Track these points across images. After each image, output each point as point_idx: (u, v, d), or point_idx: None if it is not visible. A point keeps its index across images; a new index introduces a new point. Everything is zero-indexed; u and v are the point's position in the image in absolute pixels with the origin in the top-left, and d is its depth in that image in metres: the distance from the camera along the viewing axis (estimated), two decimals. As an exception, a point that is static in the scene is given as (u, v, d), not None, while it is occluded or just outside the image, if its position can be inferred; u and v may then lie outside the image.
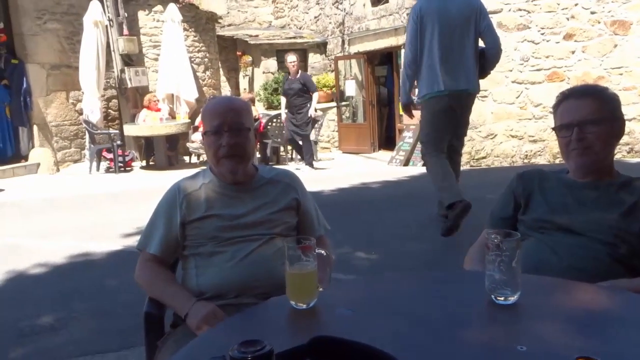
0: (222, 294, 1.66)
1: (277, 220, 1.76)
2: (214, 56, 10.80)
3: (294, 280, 1.26)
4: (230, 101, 1.80)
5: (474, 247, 1.80)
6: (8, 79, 8.42)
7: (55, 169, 8.45)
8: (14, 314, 3.12)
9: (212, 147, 1.69)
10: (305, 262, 1.25)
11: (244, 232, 1.71)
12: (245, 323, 1.21)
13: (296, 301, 1.25)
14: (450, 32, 3.96)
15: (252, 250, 1.69)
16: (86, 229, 4.85)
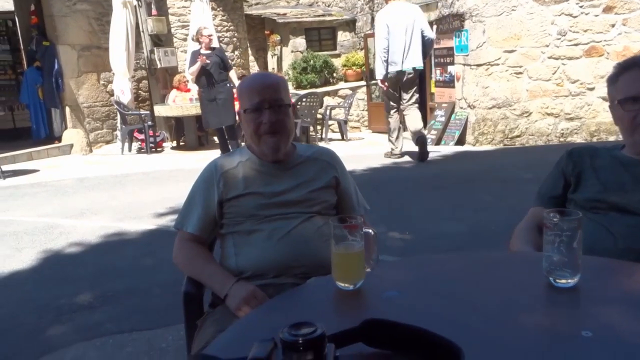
0: (261, 274, 1.63)
1: (316, 199, 1.72)
2: (242, 35, 10.73)
3: (340, 261, 1.21)
4: (268, 77, 1.75)
5: (520, 228, 1.72)
6: (40, 60, 8.55)
7: (88, 149, 8.58)
8: (52, 292, 3.18)
9: (252, 125, 1.65)
10: (352, 242, 1.20)
11: (283, 210, 1.67)
12: (291, 304, 1.17)
13: (342, 282, 1.20)
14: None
15: (291, 228, 1.65)
16: (120, 209, 4.90)
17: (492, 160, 7.08)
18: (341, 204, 1.79)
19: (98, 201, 5.30)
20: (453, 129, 8.50)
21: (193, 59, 7.23)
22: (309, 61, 10.98)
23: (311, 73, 10.96)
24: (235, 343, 0.98)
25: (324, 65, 11.15)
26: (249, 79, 1.76)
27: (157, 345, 2.52)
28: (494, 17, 7.98)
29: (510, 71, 8.13)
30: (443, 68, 9.03)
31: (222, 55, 7.47)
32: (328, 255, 1.66)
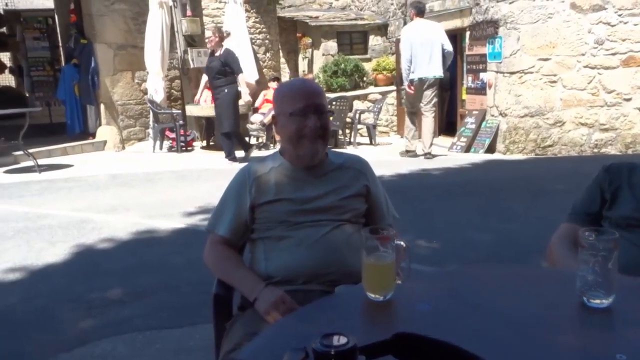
0: (291, 280, 1.65)
1: (346, 206, 1.73)
2: (274, 38, 10.81)
3: (371, 272, 1.22)
4: (311, 84, 1.79)
5: (556, 243, 1.70)
6: (77, 58, 8.77)
7: (121, 146, 8.75)
8: (84, 286, 3.26)
9: (295, 128, 1.66)
10: (383, 253, 1.21)
11: (314, 216, 1.68)
12: (321, 313, 1.19)
13: (373, 293, 1.21)
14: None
15: (321, 235, 1.66)
16: (150, 206, 5.00)
17: (523, 169, 6.98)
18: (371, 212, 1.80)
19: (129, 198, 5.41)
20: (483, 137, 8.41)
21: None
22: (340, 64, 10.98)
23: (342, 76, 10.96)
24: (265, 350, 1.00)
25: (354, 69, 11.14)
26: (290, 84, 1.80)
27: (185, 344, 2.56)
28: (529, 24, 7.86)
29: (544, 79, 8.00)
30: (475, 75, 8.94)
31: (225, 59, 7.05)
32: (357, 263, 1.67)
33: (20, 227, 4.43)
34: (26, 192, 5.80)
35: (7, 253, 3.82)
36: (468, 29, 9.01)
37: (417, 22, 7.10)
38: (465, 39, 9.26)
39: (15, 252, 3.84)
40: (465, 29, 9.11)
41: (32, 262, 3.63)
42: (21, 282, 3.33)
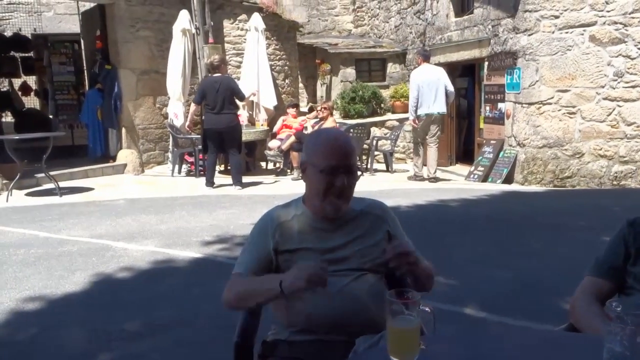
0: (312, 330, 1.65)
1: (368, 255, 1.74)
2: (293, 64, 10.95)
3: (395, 336, 1.22)
4: (344, 141, 1.74)
5: (579, 299, 1.68)
6: (101, 82, 8.95)
7: (140, 169, 8.86)
8: (102, 317, 3.28)
9: (323, 185, 1.67)
10: (409, 318, 1.21)
11: (336, 266, 1.69)
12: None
13: (396, 356, 1.21)
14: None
15: (343, 286, 1.67)
16: (169, 234, 5.04)
17: (542, 202, 6.92)
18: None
19: (148, 224, 5.46)
20: (501, 167, 8.37)
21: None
22: (358, 91, 11.07)
23: (359, 103, 11.04)
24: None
25: (372, 96, 11.22)
26: (325, 138, 1.74)
27: (201, 382, 2.56)
28: (548, 56, 7.88)
29: (563, 111, 7.98)
30: (493, 105, 8.94)
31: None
32: (378, 314, 1.68)
33: (41, 254, 4.49)
34: (47, 216, 5.88)
35: (27, 280, 3.87)
36: (486, 59, 9.04)
37: (424, 67, 8.07)
38: (483, 68, 9.29)
39: (36, 279, 3.89)
40: (484, 59, 9.14)
41: (51, 291, 3.67)
42: (41, 312, 3.37)
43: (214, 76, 7.29)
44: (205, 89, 7.17)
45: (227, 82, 7.29)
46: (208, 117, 7.18)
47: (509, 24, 8.34)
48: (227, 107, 7.14)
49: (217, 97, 7.05)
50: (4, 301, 3.48)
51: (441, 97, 7.89)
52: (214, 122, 7.10)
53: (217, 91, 7.04)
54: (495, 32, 8.71)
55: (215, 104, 7.05)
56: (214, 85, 7.09)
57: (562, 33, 7.84)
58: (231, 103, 7.23)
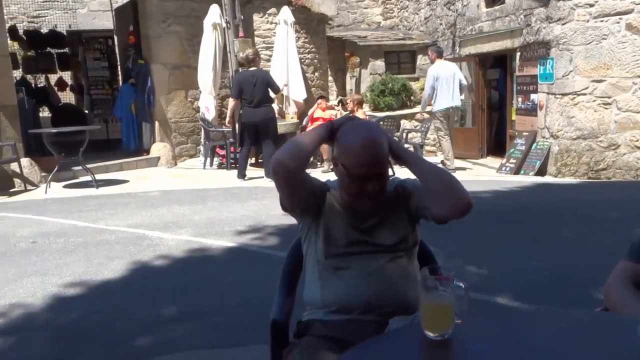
0: (347, 309, 1.69)
1: (402, 236, 1.75)
2: (323, 57, 10.97)
3: (429, 311, 1.25)
4: (378, 147, 1.64)
5: (614, 283, 1.67)
6: (134, 77, 9.15)
7: (173, 162, 9.04)
8: (140, 303, 3.39)
9: (353, 189, 1.67)
10: (443, 293, 1.24)
11: (370, 248, 1.72)
12: (380, 349, 1.22)
13: (431, 331, 1.23)
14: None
15: (377, 267, 1.69)
16: (202, 224, 5.14)
17: (575, 194, 6.80)
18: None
19: (181, 214, 5.58)
20: (534, 159, 8.24)
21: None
22: (387, 84, 11.02)
23: (389, 96, 11.00)
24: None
25: (402, 88, 11.16)
26: (360, 139, 1.65)
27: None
28: (582, 45, 7.71)
29: (598, 101, 7.81)
30: (525, 96, 8.80)
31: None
32: (412, 295, 1.70)
33: (80, 242, 4.65)
34: (85, 206, 6.07)
35: (68, 267, 4.02)
36: (518, 49, 8.90)
37: (439, 63, 8.46)
38: (515, 59, 9.15)
39: (76, 266, 4.03)
40: (516, 50, 9.00)
41: (91, 277, 3.80)
42: (81, 297, 3.49)
43: (250, 70, 7.37)
44: (241, 83, 7.24)
45: (263, 75, 7.39)
46: (246, 111, 7.24)
47: (541, 14, 8.19)
48: (265, 100, 7.24)
49: (254, 90, 7.13)
50: (46, 287, 3.62)
51: (457, 91, 8.31)
52: (251, 115, 7.17)
53: (255, 85, 7.13)
54: (528, 21, 8.56)
55: (253, 97, 7.13)
56: (250, 79, 7.17)
57: (597, 22, 7.66)
58: (267, 96, 7.32)
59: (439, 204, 1.65)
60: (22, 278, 3.77)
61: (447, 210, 1.64)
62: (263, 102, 7.21)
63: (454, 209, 1.64)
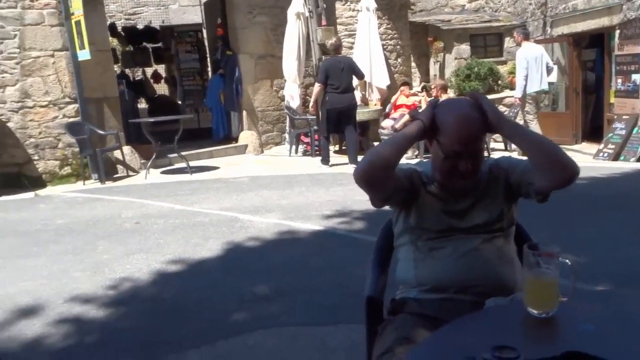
0: (441, 289, 1.69)
1: (498, 217, 1.73)
2: (405, 43, 10.83)
3: (532, 288, 1.24)
4: (473, 123, 1.62)
5: None
6: (223, 68, 9.50)
7: (260, 150, 9.32)
8: (235, 281, 3.56)
9: (446, 167, 1.66)
10: (546, 270, 1.23)
11: (465, 228, 1.71)
12: (482, 325, 1.23)
13: (534, 308, 1.23)
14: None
15: (473, 247, 1.68)
16: (290, 208, 5.29)
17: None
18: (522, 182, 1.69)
19: (270, 199, 5.77)
20: (635, 144, 7.70)
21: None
22: (473, 68, 10.69)
23: (475, 80, 10.67)
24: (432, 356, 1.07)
25: (488, 73, 10.78)
26: (456, 114, 1.65)
27: (328, 343, 2.70)
28: (693, 19, 7.07)
29: None
30: (625, 76, 8.22)
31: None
32: (509, 277, 1.69)
33: (178, 224, 4.94)
34: (180, 191, 6.43)
35: (168, 246, 4.29)
36: (618, 27, 8.31)
37: (526, 45, 8.26)
38: (614, 38, 8.55)
39: (175, 246, 4.30)
40: (614, 28, 8.41)
41: (189, 256, 4.04)
42: (181, 274, 3.73)
43: (337, 56, 7.49)
44: (328, 69, 7.32)
45: (350, 61, 7.53)
46: (332, 97, 7.32)
47: (646, -13, 7.59)
48: (350, 87, 7.37)
49: (342, 76, 7.24)
50: (150, 263, 3.90)
51: (545, 74, 8.15)
52: (337, 101, 7.27)
53: (342, 70, 7.24)
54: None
55: (340, 83, 7.23)
56: (338, 65, 7.27)
57: None
58: (352, 83, 7.45)
59: (542, 173, 1.60)
60: (129, 255, 4.09)
61: (552, 179, 1.58)
62: (349, 88, 7.32)
63: (558, 177, 1.58)
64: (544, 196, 1.65)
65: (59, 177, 7.44)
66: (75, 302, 3.27)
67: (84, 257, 4.12)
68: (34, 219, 5.39)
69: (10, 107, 7.17)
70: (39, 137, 7.33)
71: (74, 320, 3.04)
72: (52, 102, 7.35)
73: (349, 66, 7.35)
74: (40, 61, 7.25)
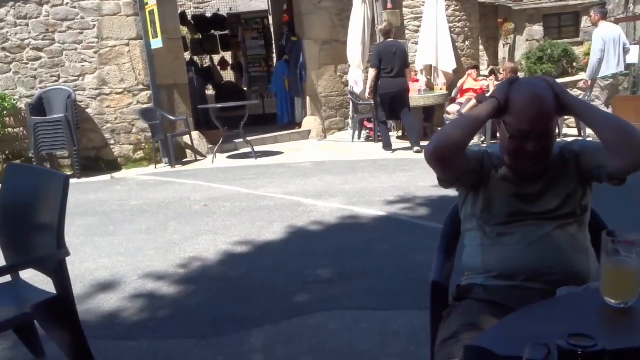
0: (509, 276, 1.64)
1: (570, 202, 1.66)
2: (474, 25, 10.47)
3: (611, 277, 1.18)
4: (543, 103, 1.58)
5: None
6: (288, 54, 9.58)
7: (323, 135, 9.36)
8: (298, 264, 3.62)
9: (512, 148, 1.62)
10: (626, 259, 1.16)
11: (535, 214, 1.65)
12: (557, 313, 1.19)
13: (612, 298, 1.17)
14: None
15: (544, 234, 1.62)
16: (352, 193, 5.30)
17: None
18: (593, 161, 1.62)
19: (333, 184, 5.80)
20: None
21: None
22: (546, 50, 10.22)
23: (547, 63, 10.21)
24: (505, 341, 1.04)
25: (562, 54, 10.28)
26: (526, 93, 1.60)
27: (389, 326, 2.70)
28: None
29: None
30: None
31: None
32: (583, 265, 1.62)
33: (244, 207, 5.07)
34: (246, 175, 6.58)
35: (235, 228, 4.42)
36: None
37: (603, 25, 7.85)
38: None
39: (241, 228, 4.42)
40: None
41: (255, 238, 4.14)
42: (248, 255, 3.84)
43: (389, 41, 7.53)
44: (381, 54, 7.38)
45: (402, 46, 7.62)
46: (384, 82, 7.38)
47: None
48: (402, 71, 7.41)
49: (394, 60, 7.29)
50: (217, 244, 4.03)
51: (622, 56, 7.82)
52: (390, 86, 7.33)
53: (394, 54, 7.29)
54: None
55: (393, 67, 7.29)
56: (390, 49, 7.34)
57: None
58: (404, 67, 7.50)
59: (616, 154, 1.52)
60: (198, 236, 4.24)
61: (627, 161, 1.51)
62: (401, 72, 7.38)
63: (633, 159, 1.50)
64: (620, 180, 1.57)
65: (133, 160, 7.80)
66: (149, 278, 3.44)
67: (157, 236, 4.32)
68: (110, 200, 5.69)
69: (89, 94, 7.57)
70: (114, 122, 7.70)
71: (147, 295, 3.20)
72: (127, 89, 7.69)
73: (401, 50, 7.44)
74: (117, 50, 7.59)
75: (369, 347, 2.50)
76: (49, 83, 7.38)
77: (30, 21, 7.28)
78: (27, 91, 7.33)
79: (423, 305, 1.81)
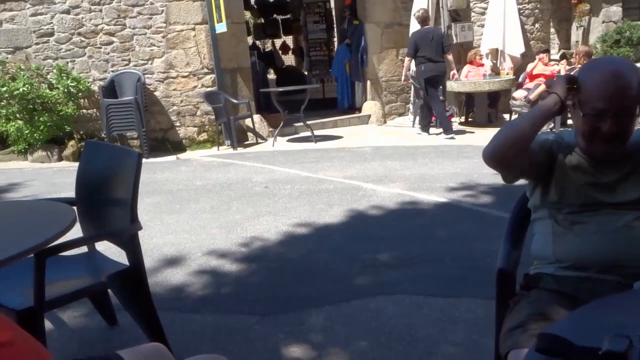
0: (582, 267, 1.58)
1: None
2: (545, 6, 10.02)
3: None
4: (623, 79, 1.48)
5: None
6: (349, 38, 9.51)
7: (383, 120, 9.28)
8: (358, 247, 3.63)
9: (587, 128, 1.54)
10: None
11: (614, 203, 1.57)
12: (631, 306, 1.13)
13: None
14: None
15: (623, 224, 1.54)
16: (413, 179, 5.24)
17: None
18: None
19: (393, 169, 5.75)
20: None
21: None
22: (624, 32, 9.64)
23: (625, 46, 9.63)
24: (583, 331, 1.01)
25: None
26: (602, 70, 1.53)
27: (450, 314, 2.67)
28: None
29: None
30: None
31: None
32: (662, 258, 1.53)
33: (304, 189, 5.12)
34: (305, 159, 6.64)
35: (295, 210, 4.48)
36: None
37: None
38: None
39: (301, 210, 4.47)
40: None
41: (314, 220, 4.18)
42: (307, 237, 3.88)
43: (425, 28, 7.63)
44: (417, 42, 7.50)
45: (439, 32, 7.84)
46: (427, 66, 7.47)
47: None
48: (440, 56, 7.51)
49: (432, 46, 7.43)
50: (278, 225, 4.10)
51: None
52: (432, 68, 7.45)
53: (432, 40, 7.44)
54: None
55: (431, 53, 7.41)
56: (427, 36, 7.48)
57: None
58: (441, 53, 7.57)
59: None
60: (259, 217, 4.33)
61: None
62: (439, 58, 7.46)
63: None
64: None
65: (197, 142, 8.03)
66: (212, 255, 3.55)
67: (220, 215, 4.44)
68: (176, 180, 5.89)
69: (157, 77, 7.82)
70: (180, 105, 7.94)
71: (211, 271, 3.30)
72: (192, 72, 7.89)
73: (438, 36, 7.59)
74: (183, 34, 7.79)
75: (429, 333, 2.48)
76: (120, 67, 7.69)
77: (104, 7, 7.59)
78: (100, 74, 7.67)
79: (485, 294, 1.77)
